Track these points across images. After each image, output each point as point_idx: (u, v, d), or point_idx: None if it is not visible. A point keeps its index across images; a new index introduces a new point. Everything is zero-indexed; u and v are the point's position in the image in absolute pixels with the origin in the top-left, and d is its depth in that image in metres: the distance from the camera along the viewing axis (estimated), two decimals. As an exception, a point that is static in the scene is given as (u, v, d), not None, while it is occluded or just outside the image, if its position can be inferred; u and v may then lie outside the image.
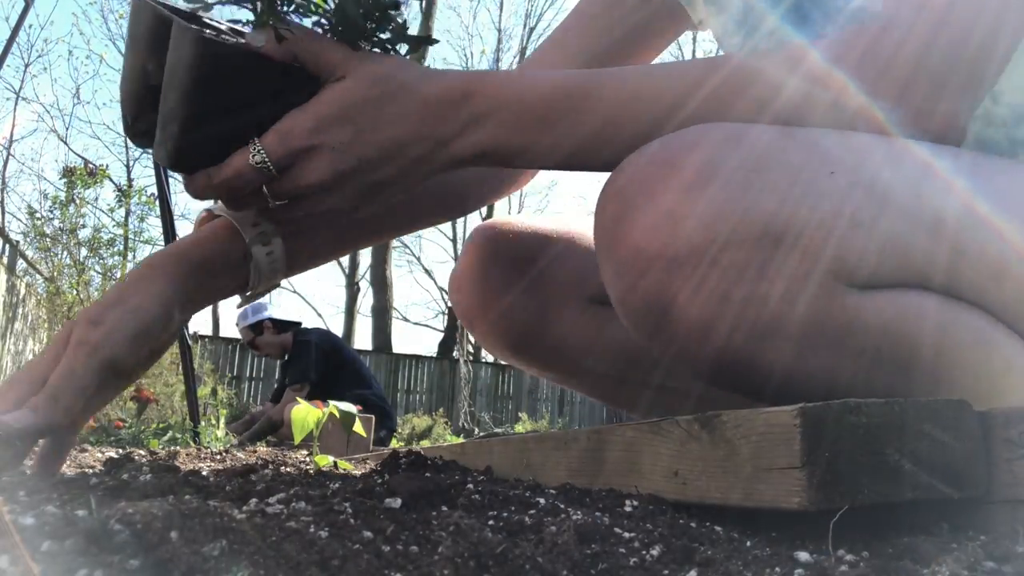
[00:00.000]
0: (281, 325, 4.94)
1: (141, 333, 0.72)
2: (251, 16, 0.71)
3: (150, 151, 0.75)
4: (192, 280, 0.77)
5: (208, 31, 0.68)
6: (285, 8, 0.70)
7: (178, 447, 1.94)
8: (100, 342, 0.70)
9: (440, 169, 0.72)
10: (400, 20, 0.72)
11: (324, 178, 0.68)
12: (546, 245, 1.08)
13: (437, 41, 0.78)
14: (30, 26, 14.51)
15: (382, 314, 14.95)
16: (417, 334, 52.20)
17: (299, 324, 5.03)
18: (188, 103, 0.66)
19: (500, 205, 17.97)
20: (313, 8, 0.71)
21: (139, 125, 0.74)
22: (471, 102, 0.70)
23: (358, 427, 1.10)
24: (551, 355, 1.10)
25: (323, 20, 0.71)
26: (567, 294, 1.07)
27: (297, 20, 0.71)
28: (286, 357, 4.90)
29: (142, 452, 1.00)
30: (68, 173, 7.24)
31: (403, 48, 0.75)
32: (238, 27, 0.73)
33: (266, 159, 0.67)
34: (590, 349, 1.07)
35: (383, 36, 0.72)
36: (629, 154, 0.67)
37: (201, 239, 0.80)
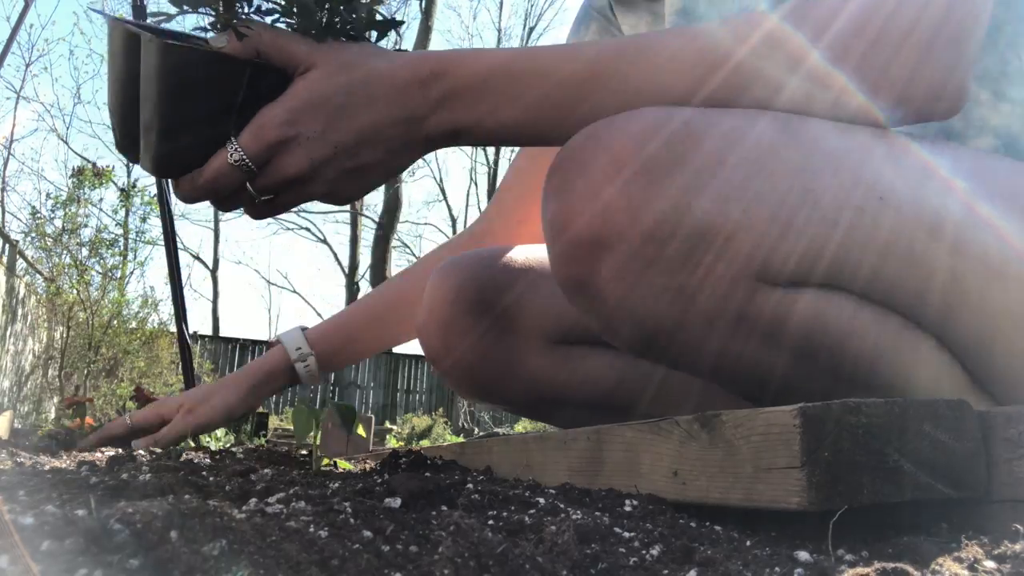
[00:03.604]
0: None
1: (205, 425, 1.20)
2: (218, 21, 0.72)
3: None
4: (250, 389, 1.21)
5: (176, 40, 0.70)
6: (246, 9, 0.72)
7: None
8: (187, 426, 1.18)
9: (419, 150, 0.74)
10: (363, 6, 0.73)
11: (302, 168, 0.69)
12: (510, 283, 1.07)
13: (402, 23, 0.79)
14: (31, 25, 14.54)
15: (382, 314, 14.91)
16: (417, 334, 52.04)
17: None
18: (162, 111, 0.68)
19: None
20: (271, 4, 0.72)
21: (126, 140, 0.75)
22: (441, 81, 0.71)
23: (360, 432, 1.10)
24: (522, 397, 1.11)
25: (285, 17, 0.73)
26: (532, 337, 1.06)
27: (259, 19, 0.72)
28: None
29: (142, 452, 1.00)
30: (77, 173, 7.26)
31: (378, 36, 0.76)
32: (205, 34, 0.74)
33: (244, 156, 0.68)
34: (560, 388, 1.07)
35: (346, 26, 0.73)
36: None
37: (263, 360, 1.24)
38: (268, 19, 0.73)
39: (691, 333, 0.67)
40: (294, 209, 1.21)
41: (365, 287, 16.90)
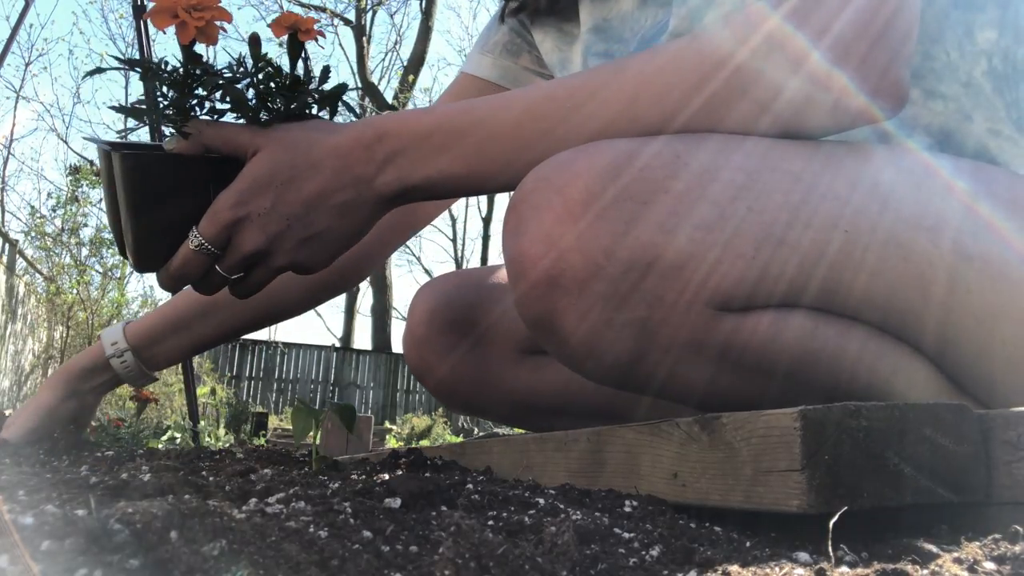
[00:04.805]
0: None
1: (32, 428, 1.10)
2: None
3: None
4: (67, 388, 1.13)
5: (138, 148, 0.76)
6: (198, 112, 0.76)
7: (178, 447, 1.94)
8: (7, 436, 1.09)
9: (374, 209, 0.76)
10: (311, 89, 0.77)
11: (259, 243, 0.73)
12: (482, 300, 1.10)
13: (346, 89, 0.81)
14: (30, 25, 14.54)
15: (382, 314, 14.94)
16: (417, 334, 51.99)
17: None
18: (131, 212, 0.73)
19: (485, 209, 17.87)
20: (223, 105, 0.77)
21: (122, 245, 0.79)
22: (385, 142, 0.74)
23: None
24: (507, 409, 1.13)
25: (236, 112, 0.77)
26: (506, 349, 1.10)
27: (213, 118, 0.76)
28: None
29: (142, 452, 1.00)
30: (74, 171, 7.27)
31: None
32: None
33: (203, 241, 0.73)
34: (549, 398, 1.09)
35: (291, 107, 0.77)
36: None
37: (79, 356, 1.17)
38: (227, 117, 0.77)
39: (651, 364, 0.67)
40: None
41: (365, 287, 16.89)
